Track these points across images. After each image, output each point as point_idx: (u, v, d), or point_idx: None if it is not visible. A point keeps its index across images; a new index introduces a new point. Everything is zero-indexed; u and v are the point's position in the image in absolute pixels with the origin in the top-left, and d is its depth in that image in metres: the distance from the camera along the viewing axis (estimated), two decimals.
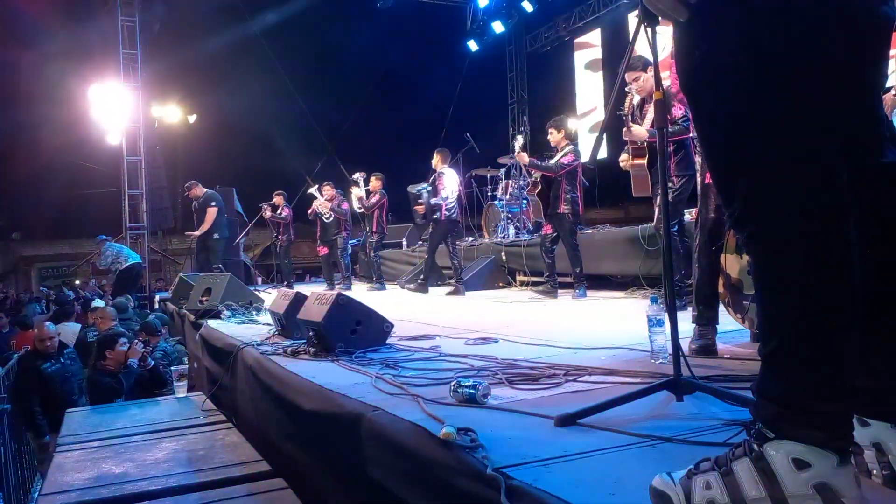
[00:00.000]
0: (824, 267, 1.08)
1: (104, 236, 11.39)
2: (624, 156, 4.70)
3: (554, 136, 6.19)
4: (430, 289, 8.34)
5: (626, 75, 4.59)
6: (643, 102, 4.74)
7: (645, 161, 4.55)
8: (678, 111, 4.43)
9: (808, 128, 1.10)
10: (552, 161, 6.10)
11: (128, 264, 10.87)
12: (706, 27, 1.18)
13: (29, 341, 7.89)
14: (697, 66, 1.20)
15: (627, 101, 4.66)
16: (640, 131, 4.51)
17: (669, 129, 4.29)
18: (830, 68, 1.12)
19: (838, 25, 1.13)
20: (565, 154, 6.06)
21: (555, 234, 6.21)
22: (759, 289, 1.17)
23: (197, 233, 10.18)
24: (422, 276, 8.06)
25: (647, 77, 4.63)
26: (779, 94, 1.11)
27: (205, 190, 10.44)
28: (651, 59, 1.94)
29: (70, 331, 7.71)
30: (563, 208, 6.04)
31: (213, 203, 10.18)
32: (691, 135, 4.27)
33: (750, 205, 1.13)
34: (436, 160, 7.76)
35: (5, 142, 17.11)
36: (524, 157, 6.10)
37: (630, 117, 4.63)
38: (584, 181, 6.43)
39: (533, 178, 6.29)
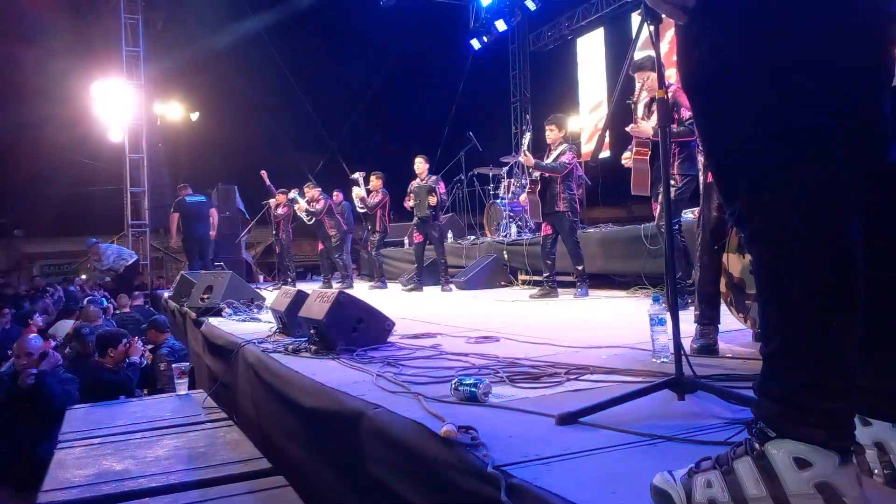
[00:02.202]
0: (826, 266, 1.08)
1: (94, 239, 11.55)
2: (627, 154, 4.68)
3: (553, 134, 6.15)
4: (430, 287, 8.36)
5: (636, 75, 4.57)
6: (651, 101, 4.73)
7: (647, 156, 4.54)
8: (686, 112, 4.41)
9: (808, 127, 1.10)
10: (550, 160, 6.09)
11: (133, 260, 10.99)
12: (706, 28, 1.18)
13: None
14: (697, 66, 1.20)
15: (637, 89, 4.63)
16: (646, 128, 4.49)
17: (675, 130, 4.28)
18: (832, 68, 1.12)
19: (840, 25, 1.12)
20: (563, 153, 6.04)
21: (555, 235, 6.19)
22: (761, 287, 1.16)
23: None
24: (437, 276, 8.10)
25: (654, 76, 4.61)
26: (779, 93, 1.10)
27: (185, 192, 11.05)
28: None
29: (63, 328, 7.70)
30: (562, 206, 6.02)
31: (172, 209, 10.81)
32: (696, 137, 4.27)
33: (751, 204, 1.13)
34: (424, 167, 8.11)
35: (8, 139, 17.12)
36: (530, 159, 6.08)
37: (637, 109, 4.60)
38: (585, 179, 6.41)
39: (533, 177, 6.27)
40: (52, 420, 4.01)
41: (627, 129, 4.60)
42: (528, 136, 6.35)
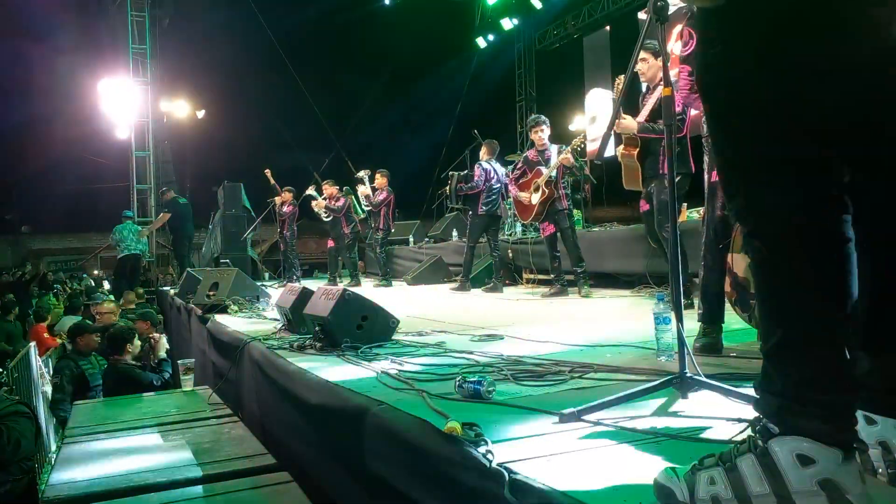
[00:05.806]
0: (819, 261, 1.09)
1: (130, 212, 11.58)
2: (619, 149, 4.64)
3: (545, 133, 6.23)
4: (434, 286, 8.33)
5: (642, 55, 4.48)
6: (645, 92, 4.66)
7: (635, 152, 4.48)
8: (675, 108, 4.37)
9: (808, 128, 1.11)
10: (553, 160, 6.12)
11: (123, 254, 10.69)
12: (721, 27, 1.19)
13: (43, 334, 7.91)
14: (710, 63, 1.21)
15: (621, 86, 4.55)
16: (630, 124, 4.40)
17: (659, 128, 4.22)
18: (839, 71, 1.12)
19: (853, 29, 1.12)
20: (560, 153, 6.10)
21: (556, 232, 6.18)
22: (759, 284, 1.18)
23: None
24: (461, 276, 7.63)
25: (655, 63, 4.46)
26: (785, 94, 1.11)
27: (172, 195, 11.36)
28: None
29: (68, 325, 7.71)
30: (565, 203, 6.09)
31: (165, 209, 11.17)
32: (684, 133, 4.27)
33: (749, 200, 1.15)
34: (483, 151, 7.83)
35: (16, 136, 17.23)
36: (570, 160, 6.11)
37: (625, 106, 4.52)
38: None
39: (550, 178, 6.28)
40: None
41: (615, 128, 4.54)
42: (581, 136, 6.35)
